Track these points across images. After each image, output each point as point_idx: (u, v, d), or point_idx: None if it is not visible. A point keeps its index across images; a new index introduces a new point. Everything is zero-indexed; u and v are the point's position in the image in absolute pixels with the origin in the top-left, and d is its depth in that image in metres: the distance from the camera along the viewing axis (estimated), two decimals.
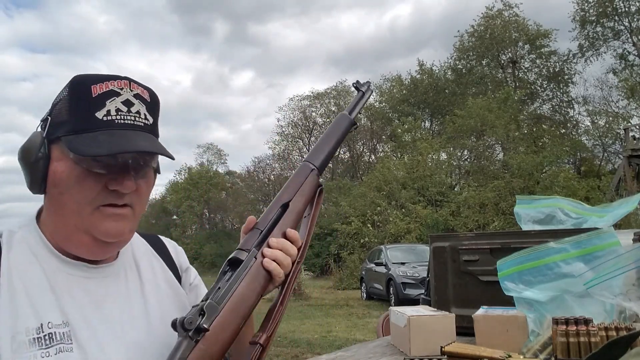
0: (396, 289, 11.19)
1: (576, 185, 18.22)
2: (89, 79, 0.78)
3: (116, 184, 0.76)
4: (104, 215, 0.77)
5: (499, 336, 1.16)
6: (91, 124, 0.75)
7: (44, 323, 0.73)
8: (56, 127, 0.77)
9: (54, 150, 0.77)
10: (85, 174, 0.75)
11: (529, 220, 1.62)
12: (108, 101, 0.76)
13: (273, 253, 0.80)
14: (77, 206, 0.76)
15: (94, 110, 0.75)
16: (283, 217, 0.83)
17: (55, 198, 0.77)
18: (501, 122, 20.71)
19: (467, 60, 27.46)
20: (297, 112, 33.43)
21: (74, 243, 0.78)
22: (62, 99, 0.78)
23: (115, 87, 0.77)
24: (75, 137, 0.74)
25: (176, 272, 0.97)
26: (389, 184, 20.76)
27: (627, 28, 23.74)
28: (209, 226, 37.70)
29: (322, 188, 0.92)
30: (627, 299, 1.11)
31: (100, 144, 0.73)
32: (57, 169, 0.76)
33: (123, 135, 0.75)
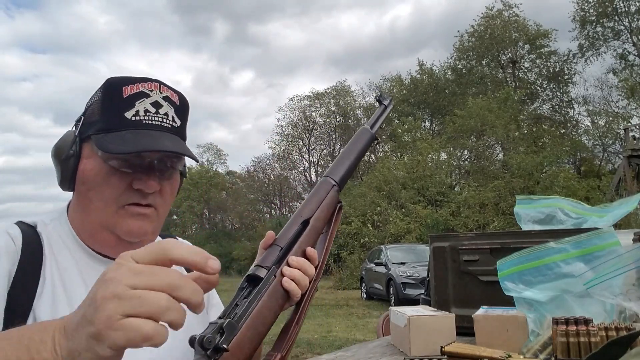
0: (396, 289, 11.19)
1: (576, 185, 18.23)
2: (121, 81, 0.80)
3: (141, 183, 0.78)
4: (128, 213, 0.78)
5: (499, 336, 1.16)
6: (119, 123, 0.77)
7: None
8: (88, 126, 0.80)
9: (84, 149, 0.80)
10: (112, 172, 0.78)
11: (529, 220, 1.62)
12: (137, 102, 0.79)
13: (292, 273, 0.78)
14: (103, 204, 0.78)
15: (124, 110, 0.78)
16: (303, 235, 0.82)
17: (83, 195, 0.79)
18: (501, 122, 20.72)
19: (467, 60, 27.47)
20: (297, 112, 33.45)
21: (98, 240, 0.81)
22: (95, 100, 0.81)
23: (146, 89, 0.80)
24: (104, 135, 0.77)
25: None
26: (389, 184, 20.77)
27: (627, 28, 23.75)
28: (209, 226, 37.71)
29: (342, 205, 0.91)
30: (627, 299, 1.11)
31: (126, 142, 0.75)
32: (85, 166, 0.79)
33: (148, 135, 0.77)
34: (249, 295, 0.74)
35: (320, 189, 0.88)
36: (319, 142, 34.21)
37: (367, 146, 0.98)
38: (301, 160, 34.90)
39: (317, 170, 34.62)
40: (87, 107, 0.82)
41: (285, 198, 35.55)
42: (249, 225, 33.99)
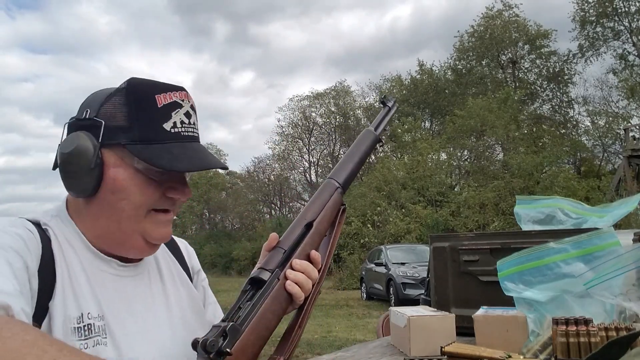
0: (396, 289, 11.19)
1: (576, 185, 18.23)
2: (149, 87, 0.79)
3: (177, 192, 0.80)
4: (157, 221, 0.80)
5: (499, 336, 1.16)
6: (160, 135, 0.77)
7: (84, 313, 0.74)
8: (114, 134, 0.76)
9: (108, 156, 0.76)
10: (148, 182, 0.78)
11: (529, 221, 1.62)
12: (173, 113, 0.79)
13: (296, 276, 0.78)
14: (135, 212, 0.78)
15: (162, 121, 0.77)
16: (307, 237, 0.82)
17: (111, 204, 0.77)
18: (501, 122, 20.72)
19: (467, 61, 27.47)
20: (297, 113, 33.45)
21: (125, 246, 0.80)
22: (116, 103, 0.77)
23: (178, 99, 0.80)
24: (145, 147, 0.76)
25: (188, 274, 0.98)
26: (389, 184, 20.77)
27: (627, 28, 23.74)
28: (209, 226, 37.71)
29: (345, 207, 0.91)
30: (627, 299, 1.11)
31: (178, 158, 0.76)
32: (117, 176, 0.76)
33: (192, 149, 0.79)
34: (252, 298, 0.74)
35: (324, 191, 0.88)
36: (319, 143, 34.22)
37: (371, 148, 0.98)
38: (301, 161, 34.90)
39: (317, 170, 34.63)
40: (104, 111, 0.77)
41: (285, 198, 35.54)
42: (249, 225, 33.99)
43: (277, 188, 34.84)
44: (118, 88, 0.79)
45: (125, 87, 0.78)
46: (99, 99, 0.79)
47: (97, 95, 0.80)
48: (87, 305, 0.75)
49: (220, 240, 31.88)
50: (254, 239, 28.86)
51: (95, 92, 0.82)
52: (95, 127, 0.76)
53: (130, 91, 0.78)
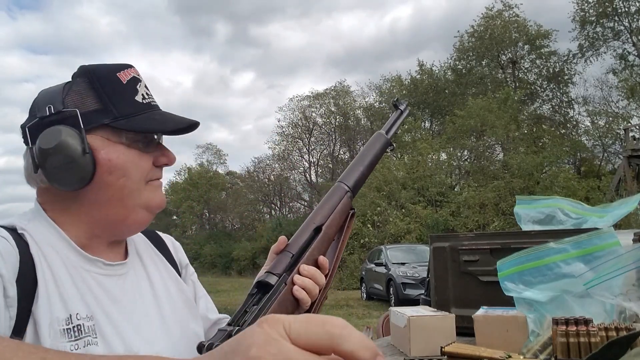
0: (396, 289, 11.19)
1: (576, 185, 18.22)
2: (107, 69, 0.81)
3: (165, 159, 0.85)
4: (154, 187, 0.84)
5: (499, 336, 1.16)
6: (137, 107, 0.81)
7: (72, 314, 0.73)
8: (91, 118, 0.77)
9: (92, 140, 0.77)
10: (139, 155, 0.81)
11: (529, 221, 1.62)
12: (137, 86, 0.83)
13: (303, 281, 0.78)
14: (137, 185, 0.81)
15: (132, 95, 0.81)
16: (315, 242, 0.81)
17: (111, 184, 0.78)
18: (501, 122, 20.72)
19: (467, 61, 27.47)
20: (297, 113, 33.45)
21: (128, 223, 0.82)
22: (80, 91, 0.79)
23: (134, 74, 0.83)
24: (129, 120, 0.79)
25: (177, 269, 0.98)
26: (389, 184, 20.77)
27: (627, 28, 23.74)
28: (209, 226, 37.72)
29: (354, 212, 0.89)
30: (627, 299, 1.11)
31: (165, 122, 0.82)
32: (109, 156, 0.78)
33: (168, 114, 0.84)
34: (258, 302, 0.73)
35: (333, 195, 0.87)
36: (319, 143, 34.21)
37: (382, 152, 0.96)
38: (301, 161, 34.90)
39: (317, 170, 34.63)
40: (70, 101, 0.78)
41: (285, 198, 35.53)
42: (249, 225, 33.99)
43: (277, 188, 34.84)
44: (73, 78, 0.81)
45: (83, 73, 0.80)
46: (56, 94, 0.78)
47: (49, 92, 0.80)
48: (75, 306, 0.74)
49: (220, 240, 31.89)
50: (254, 239, 28.87)
51: (44, 91, 0.81)
52: (68, 117, 0.76)
53: (91, 76, 0.80)
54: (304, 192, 35.34)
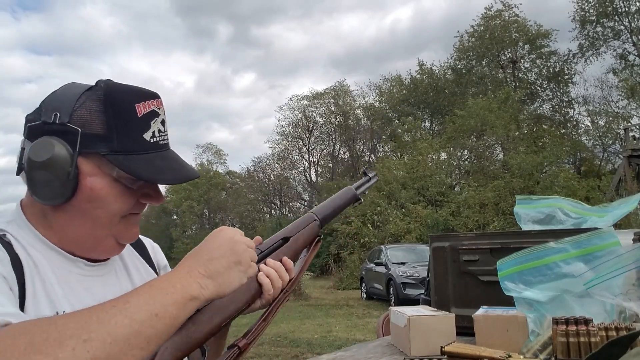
0: (396, 289, 11.19)
1: (576, 185, 18.22)
2: (128, 95, 0.77)
3: (151, 199, 0.82)
4: (129, 223, 0.82)
5: (499, 336, 1.16)
6: (140, 145, 0.77)
7: (58, 311, 0.73)
8: (90, 142, 0.74)
9: (83, 164, 0.74)
10: (124, 191, 0.78)
11: (529, 220, 1.62)
12: (152, 122, 0.79)
13: (268, 270, 0.85)
14: (109, 220, 0.78)
15: (141, 131, 0.77)
16: (282, 247, 0.92)
17: (86, 212, 0.76)
18: (501, 122, 20.72)
19: (467, 61, 27.47)
20: (297, 112, 33.44)
21: (97, 250, 0.81)
22: (91, 110, 0.75)
23: (155, 107, 0.80)
24: (126, 158, 0.75)
25: (155, 270, 0.99)
26: (389, 184, 20.76)
27: (627, 28, 23.74)
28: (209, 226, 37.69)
29: (321, 238, 1.01)
30: (627, 299, 1.11)
31: (161, 170, 0.77)
32: (94, 185, 0.75)
33: (171, 159, 0.81)
34: None
35: (304, 220, 1.00)
36: (319, 142, 34.21)
37: (348, 203, 1.11)
38: (301, 160, 34.90)
39: (317, 170, 34.62)
40: (78, 116, 0.74)
41: (285, 198, 35.53)
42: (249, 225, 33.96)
43: (277, 188, 34.83)
44: (91, 90, 0.77)
45: (103, 93, 0.76)
46: (69, 102, 0.75)
47: (64, 95, 0.77)
48: (61, 304, 0.74)
49: None
50: None
51: (60, 92, 0.78)
52: (68, 133, 0.73)
53: (108, 98, 0.75)
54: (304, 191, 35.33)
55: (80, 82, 0.81)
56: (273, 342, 7.25)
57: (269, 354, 6.53)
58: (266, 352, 6.65)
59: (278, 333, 7.98)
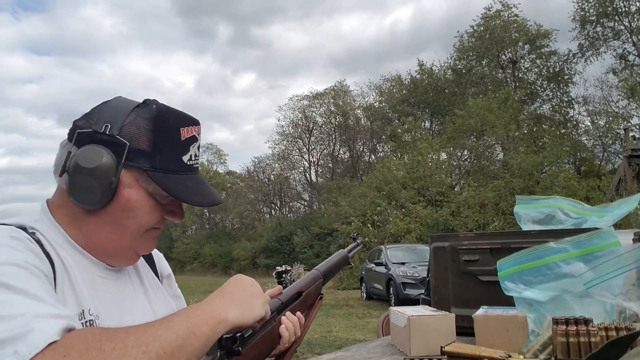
0: (396, 289, 11.19)
1: (576, 185, 18.21)
2: (176, 119, 0.83)
3: (174, 216, 0.87)
4: (150, 236, 0.87)
5: (499, 336, 1.16)
6: (178, 166, 0.83)
7: (85, 310, 0.77)
8: (135, 156, 0.79)
9: (124, 176, 0.79)
10: (155, 206, 0.83)
11: (529, 220, 1.61)
12: (191, 146, 0.85)
13: (288, 323, 0.94)
14: (137, 231, 0.83)
15: (181, 153, 0.84)
16: (297, 302, 1.01)
17: (118, 220, 0.81)
18: (501, 122, 20.71)
19: (467, 61, 27.45)
20: (297, 112, 33.44)
21: (117, 258, 0.85)
22: (141, 127, 0.80)
23: (196, 133, 0.86)
24: (165, 176, 0.81)
25: (158, 278, 1.02)
26: (389, 184, 20.76)
27: (627, 28, 23.73)
28: (209, 226, 37.74)
29: (322, 296, 1.14)
30: (627, 299, 1.11)
31: (193, 191, 0.83)
32: (131, 196, 0.80)
33: (201, 182, 0.87)
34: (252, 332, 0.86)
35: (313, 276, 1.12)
36: (319, 142, 34.22)
37: (342, 263, 1.25)
38: (301, 160, 34.90)
39: (317, 170, 34.62)
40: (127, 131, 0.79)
41: (285, 198, 35.54)
42: (249, 225, 33.98)
43: (277, 188, 34.84)
44: (143, 109, 0.82)
45: (155, 114, 0.81)
46: (121, 116, 0.80)
47: (116, 109, 0.81)
48: (86, 303, 0.77)
49: (220, 240, 31.89)
50: (254, 238, 28.87)
51: (112, 105, 0.83)
52: (116, 145, 0.78)
53: (158, 119, 0.81)
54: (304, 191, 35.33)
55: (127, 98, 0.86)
56: None
57: None
58: None
59: None
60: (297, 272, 13.85)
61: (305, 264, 16.48)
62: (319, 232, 23.96)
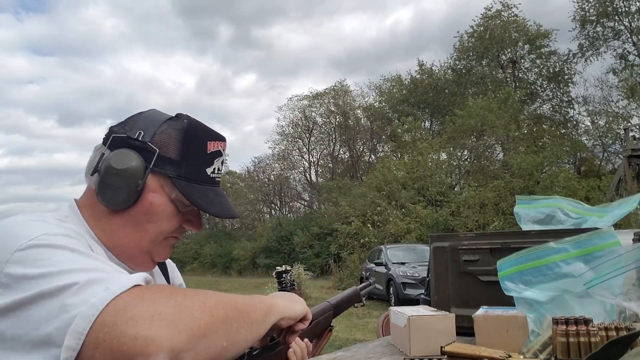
0: (396, 289, 11.19)
1: (576, 185, 18.21)
2: (205, 133, 0.89)
3: (192, 226, 0.90)
4: (167, 244, 0.91)
5: (499, 336, 1.16)
6: (202, 177, 0.88)
7: None
8: (163, 163, 0.84)
9: (150, 180, 0.84)
10: (175, 213, 0.87)
11: (529, 220, 1.61)
12: (216, 160, 0.90)
13: (296, 347, 1.00)
14: (156, 235, 0.87)
15: (206, 165, 0.88)
16: (306, 329, 1.02)
17: (139, 222, 0.85)
18: (501, 122, 20.71)
19: (467, 61, 27.46)
20: (297, 112, 33.44)
21: (134, 261, 0.88)
22: (171, 136, 0.85)
23: (221, 149, 0.91)
24: (188, 185, 0.85)
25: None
26: (389, 184, 20.76)
27: (627, 28, 23.74)
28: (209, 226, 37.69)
29: (332, 328, 1.18)
30: (627, 299, 1.11)
31: (213, 203, 0.87)
32: (154, 200, 0.84)
33: (221, 195, 0.91)
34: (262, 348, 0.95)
35: (324, 307, 1.17)
36: (319, 142, 34.22)
37: (353, 299, 1.32)
38: (301, 160, 34.90)
39: (317, 170, 34.61)
40: (158, 139, 0.84)
41: (285, 198, 35.54)
42: (249, 225, 33.97)
43: (277, 188, 34.84)
44: (175, 121, 0.87)
45: (186, 126, 0.87)
46: (154, 125, 0.85)
47: (150, 119, 0.87)
48: None
49: (220, 240, 31.88)
50: (254, 238, 28.85)
51: (147, 115, 0.88)
52: (147, 151, 0.84)
53: (189, 131, 0.86)
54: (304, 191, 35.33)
55: (161, 110, 0.92)
56: None
57: None
58: None
59: None
60: (297, 272, 13.85)
61: (305, 264, 16.48)
62: (319, 232, 23.96)
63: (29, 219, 0.74)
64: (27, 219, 0.74)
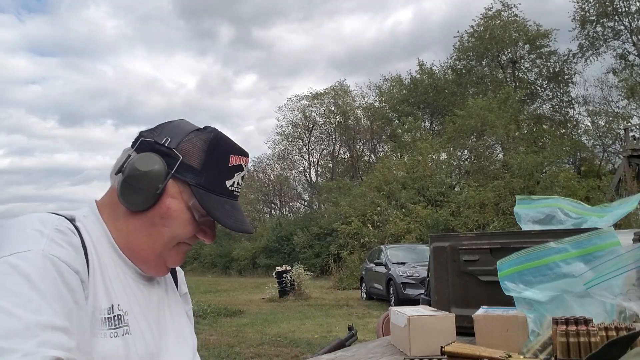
0: (396, 289, 11.19)
1: (576, 185, 18.21)
2: (229, 146, 0.90)
3: (205, 236, 0.91)
4: (181, 250, 0.91)
5: (499, 336, 1.16)
6: (221, 189, 0.89)
7: (114, 304, 0.82)
8: (185, 170, 0.86)
9: (170, 185, 0.86)
10: (190, 220, 0.88)
11: (529, 220, 1.61)
12: (236, 173, 0.91)
13: None
14: (170, 240, 0.88)
15: (226, 177, 0.89)
16: None
17: (155, 225, 0.86)
18: (501, 122, 20.71)
19: (467, 61, 27.45)
20: (297, 112, 33.43)
21: (148, 265, 0.90)
22: (196, 145, 0.87)
23: (243, 163, 0.92)
24: (207, 194, 0.86)
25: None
26: (389, 184, 20.77)
27: (627, 28, 23.74)
28: None
29: None
30: (627, 299, 1.11)
31: (229, 215, 0.88)
32: (171, 205, 0.86)
33: (237, 209, 0.92)
34: None
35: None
36: (319, 142, 34.22)
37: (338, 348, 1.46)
38: (301, 160, 34.90)
39: (317, 170, 34.60)
40: (183, 147, 0.86)
41: (285, 198, 35.53)
42: None
43: (277, 188, 34.83)
44: (202, 132, 0.89)
45: (212, 138, 0.89)
46: (181, 134, 0.88)
47: (179, 127, 0.89)
48: (117, 298, 0.82)
49: (220, 240, 31.83)
50: (254, 238, 28.83)
51: (176, 124, 0.91)
52: (171, 157, 0.86)
53: (214, 143, 0.88)
54: (304, 191, 35.32)
55: (190, 122, 0.94)
56: (273, 342, 7.25)
57: (269, 354, 6.53)
58: (266, 352, 6.65)
59: (278, 333, 7.98)
60: (297, 272, 13.85)
61: (305, 264, 16.47)
62: (319, 232, 23.96)
63: (33, 228, 0.75)
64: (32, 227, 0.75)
